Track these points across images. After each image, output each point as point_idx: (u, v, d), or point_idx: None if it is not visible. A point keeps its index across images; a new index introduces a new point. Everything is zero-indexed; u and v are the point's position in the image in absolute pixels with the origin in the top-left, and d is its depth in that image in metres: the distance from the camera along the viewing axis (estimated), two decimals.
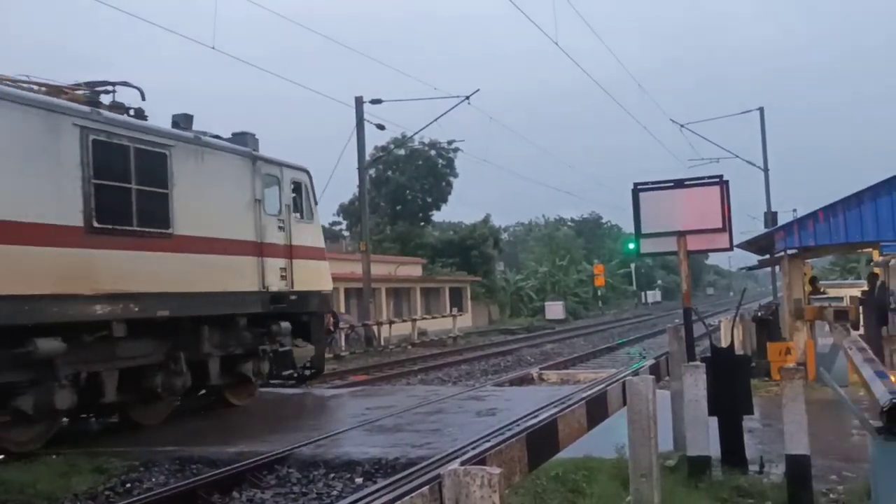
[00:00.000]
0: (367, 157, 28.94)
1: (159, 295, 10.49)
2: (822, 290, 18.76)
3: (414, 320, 33.27)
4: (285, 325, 13.09)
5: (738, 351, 11.24)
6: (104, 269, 9.79)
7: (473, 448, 6.56)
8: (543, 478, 6.31)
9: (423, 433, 9.64)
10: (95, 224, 9.70)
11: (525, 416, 9.73)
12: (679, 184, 8.66)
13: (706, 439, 7.16)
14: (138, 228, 10.29)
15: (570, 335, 34.63)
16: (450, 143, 47.95)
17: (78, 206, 9.52)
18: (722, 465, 7.48)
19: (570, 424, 4.87)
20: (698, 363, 7.48)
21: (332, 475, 8.17)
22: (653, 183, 8.72)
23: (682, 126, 30.43)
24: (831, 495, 7.17)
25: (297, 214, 13.59)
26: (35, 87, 9.99)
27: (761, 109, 32.89)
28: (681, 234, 8.44)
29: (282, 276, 12.90)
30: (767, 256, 22.52)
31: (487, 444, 4.94)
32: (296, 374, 13.99)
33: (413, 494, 2.77)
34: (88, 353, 9.77)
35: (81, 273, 9.52)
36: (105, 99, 10.87)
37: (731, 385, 7.67)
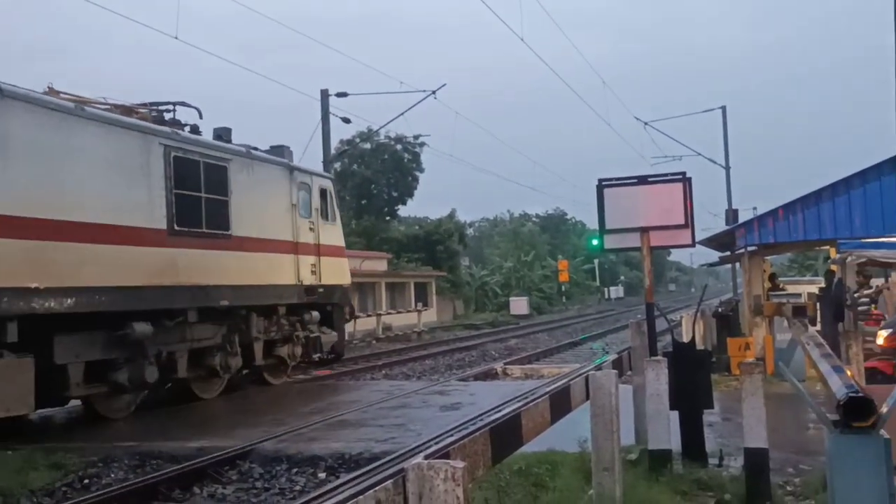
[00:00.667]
0: (333, 151, 28.75)
1: (221, 287, 12.43)
2: (780, 286, 19.10)
3: (379, 315, 33.18)
4: (315, 314, 15.21)
5: (699, 346, 11.37)
6: (182, 265, 11.67)
7: (437, 442, 6.57)
8: (507, 472, 6.34)
9: (387, 428, 9.63)
10: (175, 227, 11.58)
11: (489, 411, 9.77)
12: (643, 180, 8.75)
13: (667, 433, 7.24)
14: (206, 230, 12.22)
15: (535, 330, 34.81)
16: (416, 137, 47.90)
17: (162, 212, 11.41)
18: (682, 459, 7.57)
19: (533, 418, 4.89)
20: (660, 358, 7.56)
21: (294, 470, 8.13)
22: (617, 179, 8.79)
23: (645, 123, 30.73)
24: (788, 487, 7.31)
25: (323, 217, 15.68)
26: (110, 107, 11.56)
27: (723, 108, 33.31)
28: (644, 231, 8.52)
29: (312, 271, 14.92)
30: (728, 253, 22.85)
31: (451, 439, 4.95)
32: (322, 358, 15.89)
33: (377, 489, 2.76)
34: (168, 336, 11.67)
35: (165, 268, 11.39)
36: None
37: (691, 380, 7.77)
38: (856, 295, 15.71)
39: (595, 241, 40.31)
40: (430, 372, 18.33)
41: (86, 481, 8.04)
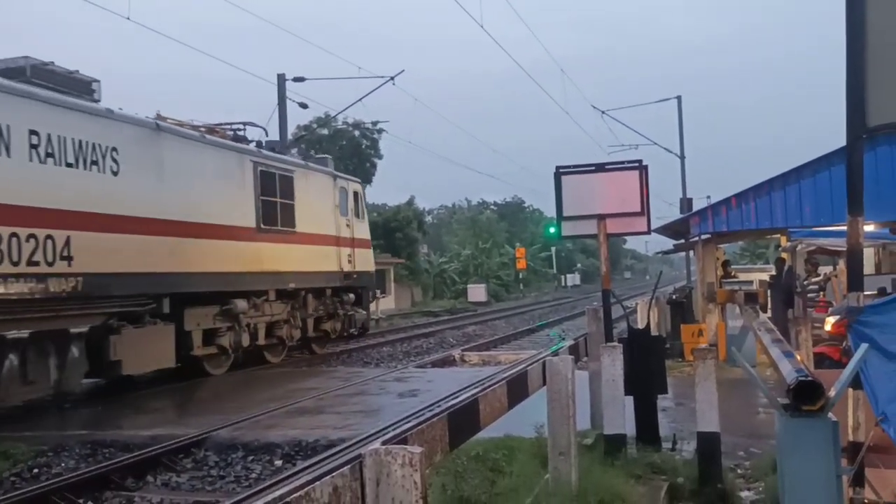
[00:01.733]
0: (290, 137, 28.44)
1: (290, 273, 15.81)
2: (733, 274, 19.46)
3: None
4: (351, 295, 18.76)
5: (654, 332, 11.54)
6: (265, 255, 14.92)
7: (395, 428, 6.57)
8: (464, 457, 6.37)
9: (345, 415, 9.60)
10: (261, 226, 14.86)
11: (447, 397, 9.79)
12: (600, 168, 8.81)
13: (622, 418, 7.34)
14: (280, 228, 15.48)
15: (492, 317, 34.97)
16: (374, 123, 47.61)
17: (253, 214, 14.65)
18: (637, 443, 7.68)
19: (491, 404, 4.91)
20: (616, 344, 7.65)
21: (250, 458, 8.06)
22: (574, 167, 8.84)
23: (602, 112, 30.90)
24: (739, 470, 7.47)
25: (356, 215, 19.11)
26: (199, 127, 14.40)
27: (679, 98, 33.64)
28: (601, 218, 8.59)
29: (349, 260, 18.33)
30: (682, 241, 23.19)
31: (409, 424, 4.94)
32: (354, 332, 19.29)
33: (334, 475, 2.74)
34: (255, 311, 14.87)
35: (255, 258, 14.59)
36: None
37: (646, 365, 7.88)
38: (805, 282, 16.07)
39: (552, 229, 40.58)
40: (388, 359, 18.30)
41: (35, 471, 7.88)
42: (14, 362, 9.81)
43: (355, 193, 19.25)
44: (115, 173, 11.48)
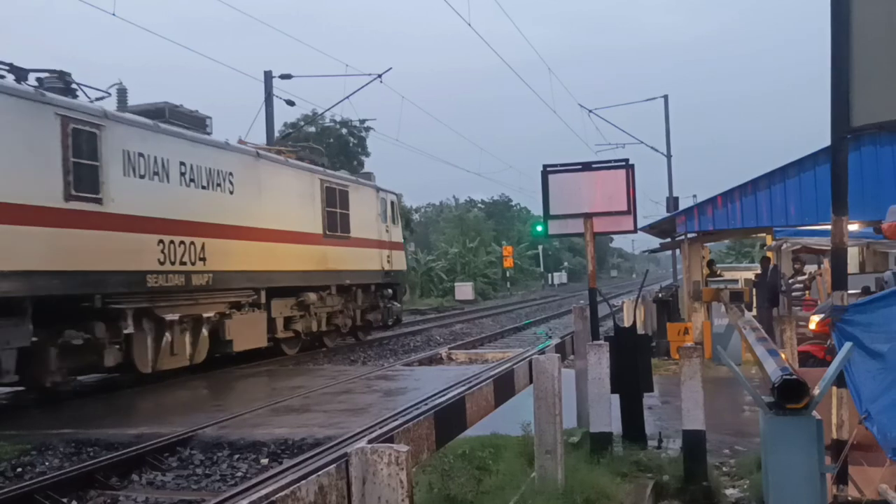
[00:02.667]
0: (277, 134, 28.33)
1: (346, 271, 19.03)
2: (718, 273, 19.55)
3: None
4: (389, 290, 22.09)
5: (640, 331, 11.58)
6: (329, 257, 18.17)
7: (381, 427, 6.56)
8: (451, 455, 6.37)
9: (332, 413, 9.58)
10: (326, 232, 18.11)
11: (434, 395, 9.79)
12: (587, 167, 8.82)
13: (608, 416, 7.35)
14: (339, 234, 18.65)
15: (479, 316, 34.98)
16: (362, 121, 47.44)
17: (320, 223, 17.89)
18: (623, 441, 7.70)
19: (477, 402, 4.91)
20: (602, 342, 7.67)
21: (236, 456, 8.03)
22: (562, 165, 8.86)
23: (590, 111, 30.98)
24: (724, 468, 7.50)
25: (392, 222, 22.30)
26: (271, 148, 18.10)
27: (665, 97, 33.79)
28: (587, 216, 8.61)
29: (387, 261, 21.52)
30: (669, 240, 23.28)
31: (396, 423, 4.93)
32: (390, 322, 22.36)
33: (319, 473, 2.73)
34: (321, 302, 18.14)
35: (321, 259, 17.85)
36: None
37: (632, 363, 7.90)
38: (790, 281, 16.18)
39: (539, 227, 40.67)
40: (375, 357, 18.27)
41: (19, 469, 7.82)
42: (168, 338, 12.95)
43: (392, 203, 22.64)
44: (231, 192, 14.78)
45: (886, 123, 5.26)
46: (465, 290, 53.70)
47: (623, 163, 8.69)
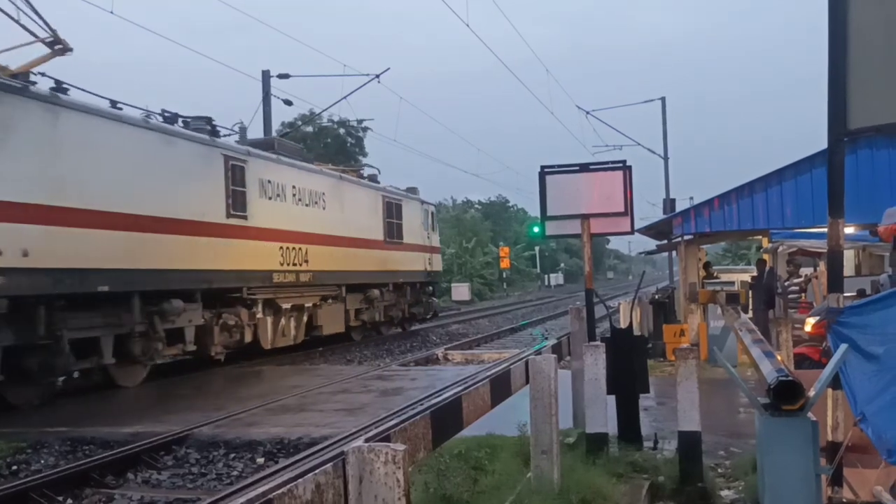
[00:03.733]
0: (274, 134, 28.31)
1: (400, 271, 23.02)
2: (715, 275, 19.58)
3: None
4: (430, 288, 26.56)
5: (636, 332, 11.59)
6: (388, 259, 22.08)
7: (378, 426, 6.56)
8: (447, 455, 6.37)
9: (328, 412, 9.57)
10: (386, 239, 22.04)
11: (430, 395, 9.79)
12: (584, 168, 8.84)
13: (604, 417, 7.36)
14: (395, 240, 22.57)
15: (476, 316, 34.98)
16: (359, 121, 47.40)
17: (381, 231, 21.82)
18: (619, 442, 7.72)
19: (474, 402, 4.92)
20: (598, 343, 7.68)
21: (232, 455, 8.02)
22: (559, 167, 8.87)
23: (587, 113, 31.03)
24: (720, 469, 7.52)
25: (431, 229, 26.37)
26: (344, 170, 22.33)
27: (663, 99, 33.85)
28: (584, 217, 8.62)
29: (429, 262, 25.64)
30: (665, 241, 23.31)
31: (392, 422, 4.94)
32: (428, 316, 26.53)
33: (316, 472, 2.74)
34: (382, 297, 21.91)
35: (382, 261, 21.70)
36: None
37: (628, 365, 7.91)
38: (786, 283, 16.21)
39: (536, 228, 40.70)
40: (371, 357, 18.26)
41: (14, 468, 7.80)
42: (283, 322, 16.91)
43: (431, 213, 26.84)
44: (323, 208, 18.68)
45: (883, 126, 5.28)
46: (461, 291, 53.72)
47: (620, 164, 8.71)
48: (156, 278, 12.67)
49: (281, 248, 16.55)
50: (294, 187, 17.24)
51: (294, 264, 16.97)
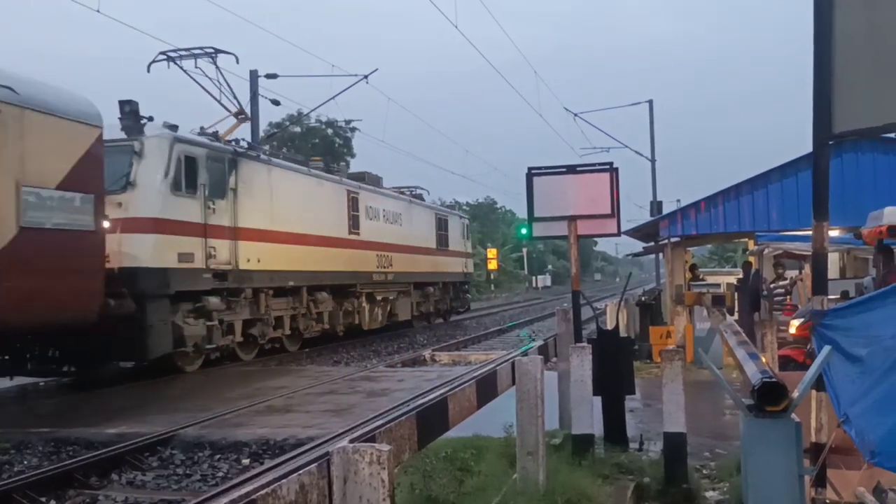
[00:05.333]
0: (262, 133, 28.23)
1: (446, 272, 28.54)
2: (701, 277, 19.67)
3: None
4: (466, 286, 32.75)
5: (623, 334, 11.62)
6: (439, 263, 27.71)
7: (363, 427, 6.55)
8: (433, 457, 6.37)
9: (314, 413, 9.54)
10: (437, 247, 27.76)
11: (417, 396, 9.77)
12: (571, 169, 8.87)
13: (590, 418, 7.38)
14: (443, 248, 28.17)
15: (463, 318, 34.99)
16: (347, 122, 47.39)
17: (434, 240, 27.49)
18: (604, 443, 7.74)
19: (460, 403, 4.92)
20: (584, 344, 7.70)
21: (217, 456, 7.98)
22: (546, 168, 8.89)
23: (575, 115, 31.12)
24: (705, 471, 7.55)
25: (466, 238, 32.20)
26: (398, 189, 26.95)
27: (650, 102, 33.98)
28: (571, 219, 8.64)
29: (465, 266, 31.45)
30: (652, 244, 23.39)
31: (378, 423, 4.93)
32: (462, 310, 31.94)
33: (300, 472, 2.73)
34: (433, 293, 27.55)
35: (434, 264, 27.30)
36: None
37: (615, 366, 7.94)
38: (771, 286, 16.29)
39: (524, 230, 40.80)
40: (358, 358, 18.22)
41: None
42: (376, 310, 22.27)
43: (466, 225, 32.83)
44: (399, 225, 24.33)
45: (867, 130, 5.31)
46: None
47: (607, 166, 8.74)
48: (314, 277, 18.55)
49: (377, 255, 22.32)
50: (384, 210, 23.25)
51: (384, 267, 22.72)
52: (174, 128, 14.08)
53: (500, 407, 6.56)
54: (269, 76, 25.22)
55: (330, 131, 51.15)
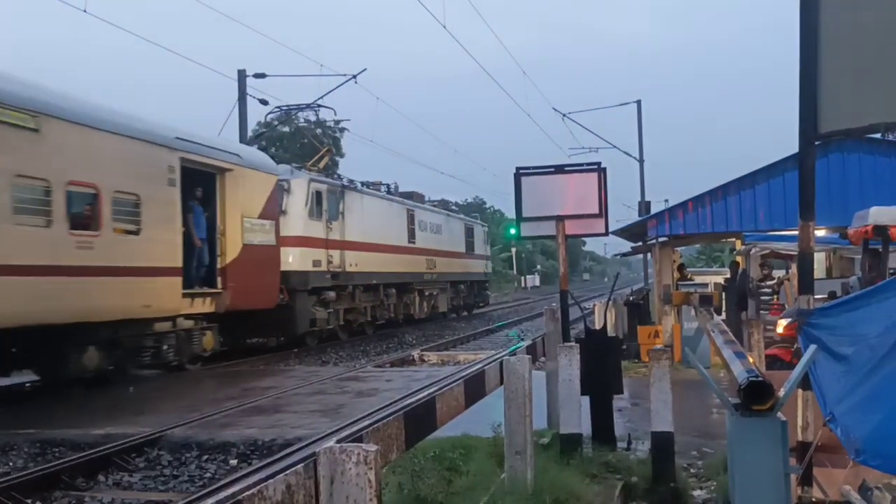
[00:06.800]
0: (250, 133, 28.12)
1: (472, 272, 34.36)
2: (689, 276, 19.73)
3: None
4: (486, 284, 37.82)
5: (611, 333, 11.64)
6: (467, 265, 33.48)
7: (351, 427, 6.53)
8: (421, 457, 6.36)
9: (302, 414, 9.49)
10: (466, 252, 33.25)
11: (406, 396, 9.75)
12: (559, 169, 8.88)
13: (578, 417, 7.40)
14: (470, 252, 33.91)
15: (452, 318, 34.97)
16: (336, 122, 47.24)
17: (463, 246, 32.92)
18: (592, 442, 7.76)
19: (448, 402, 4.92)
20: (572, 344, 7.71)
21: (205, 457, 7.92)
22: (534, 168, 8.90)
23: (563, 115, 31.18)
24: (692, 469, 7.58)
25: (486, 243, 37.31)
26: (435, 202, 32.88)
27: (638, 102, 34.11)
28: (559, 219, 8.65)
29: (485, 267, 36.69)
30: (640, 243, 23.46)
31: (365, 423, 4.92)
32: (481, 304, 36.94)
33: (287, 472, 2.72)
34: (463, 290, 33.16)
35: (464, 266, 32.94)
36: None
37: (602, 365, 7.96)
38: (759, 285, 16.37)
39: (512, 231, 41.04)
40: (347, 359, 18.15)
41: None
42: (424, 303, 27.11)
43: (486, 231, 38.17)
44: (440, 234, 29.33)
45: (853, 130, 5.34)
46: None
47: (595, 166, 8.75)
48: (387, 277, 23.59)
49: (426, 259, 27.62)
50: (430, 223, 28.63)
51: (430, 269, 27.95)
52: (301, 168, 20.22)
53: (488, 406, 6.57)
54: (257, 76, 25.16)
55: (319, 131, 50.97)
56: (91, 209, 11.58)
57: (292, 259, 18.01)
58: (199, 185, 14.27)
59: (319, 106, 24.81)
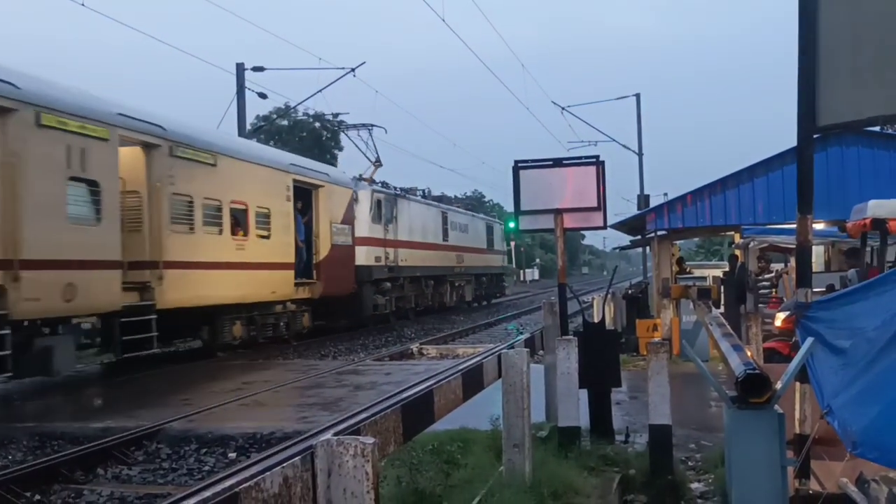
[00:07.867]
0: (248, 127, 28.07)
1: (492, 266, 40.60)
2: (688, 270, 19.75)
3: None
4: (503, 276, 44.65)
5: (609, 327, 11.66)
6: (488, 260, 39.44)
7: (349, 420, 6.54)
8: (419, 450, 6.37)
9: (301, 407, 9.52)
10: (487, 248, 39.30)
11: (404, 389, 9.77)
12: (558, 163, 8.87)
13: (576, 411, 7.41)
14: (490, 248, 39.97)
15: (451, 311, 34.99)
16: (335, 115, 47.17)
17: (485, 242, 38.97)
18: (591, 435, 7.77)
19: (445, 395, 4.92)
20: (571, 337, 7.72)
21: (204, 450, 7.95)
22: (533, 161, 8.88)
23: (563, 109, 31.14)
24: (690, 462, 7.59)
25: (502, 239, 43.64)
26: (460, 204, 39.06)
27: (637, 96, 34.04)
28: (558, 212, 8.64)
29: (503, 261, 43.52)
30: (639, 237, 23.47)
31: (363, 416, 4.93)
32: (499, 295, 42.77)
33: (284, 465, 2.73)
34: (485, 282, 39.01)
35: (485, 260, 38.80)
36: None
37: (601, 359, 7.96)
38: (757, 278, 16.37)
39: (511, 224, 41.45)
40: (346, 352, 18.19)
41: None
42: (452, 293, 32.43)
43: (503, 229, 42.75)
44: (467, 233, 34.65)
45: (852, 124, 5.34)
46: None
47: (593, 159, 8.74)
48: (427, 270, 28.38)
49: (456, 254, 31.92)
50: (459, 223, 33.13)
51: (459, 263, 32.48)
52: (366, 180, 24.68)
53: (487, 399, 6.58)
54: (255, 69, 25.12)
55: (318, 125, 50.90)
56: (243, 220, 15.88)
57: (359, 256, 22.24)
58: (300, 198, 18.66)
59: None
